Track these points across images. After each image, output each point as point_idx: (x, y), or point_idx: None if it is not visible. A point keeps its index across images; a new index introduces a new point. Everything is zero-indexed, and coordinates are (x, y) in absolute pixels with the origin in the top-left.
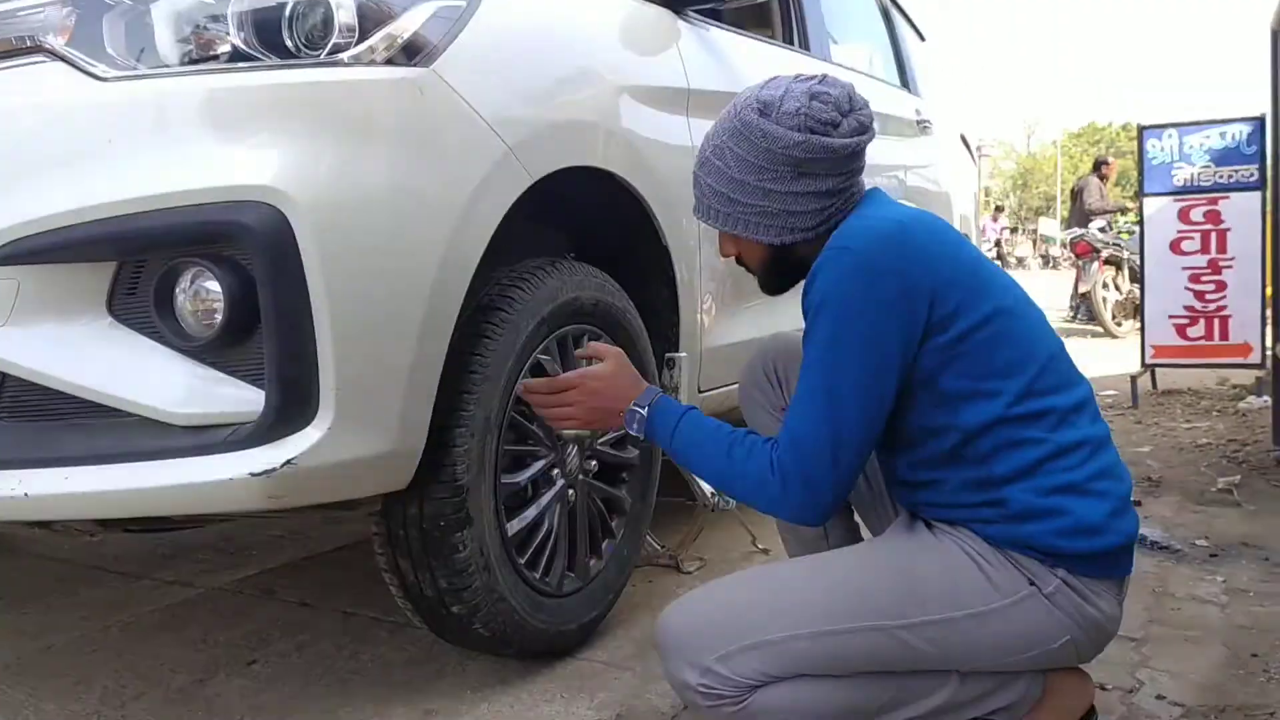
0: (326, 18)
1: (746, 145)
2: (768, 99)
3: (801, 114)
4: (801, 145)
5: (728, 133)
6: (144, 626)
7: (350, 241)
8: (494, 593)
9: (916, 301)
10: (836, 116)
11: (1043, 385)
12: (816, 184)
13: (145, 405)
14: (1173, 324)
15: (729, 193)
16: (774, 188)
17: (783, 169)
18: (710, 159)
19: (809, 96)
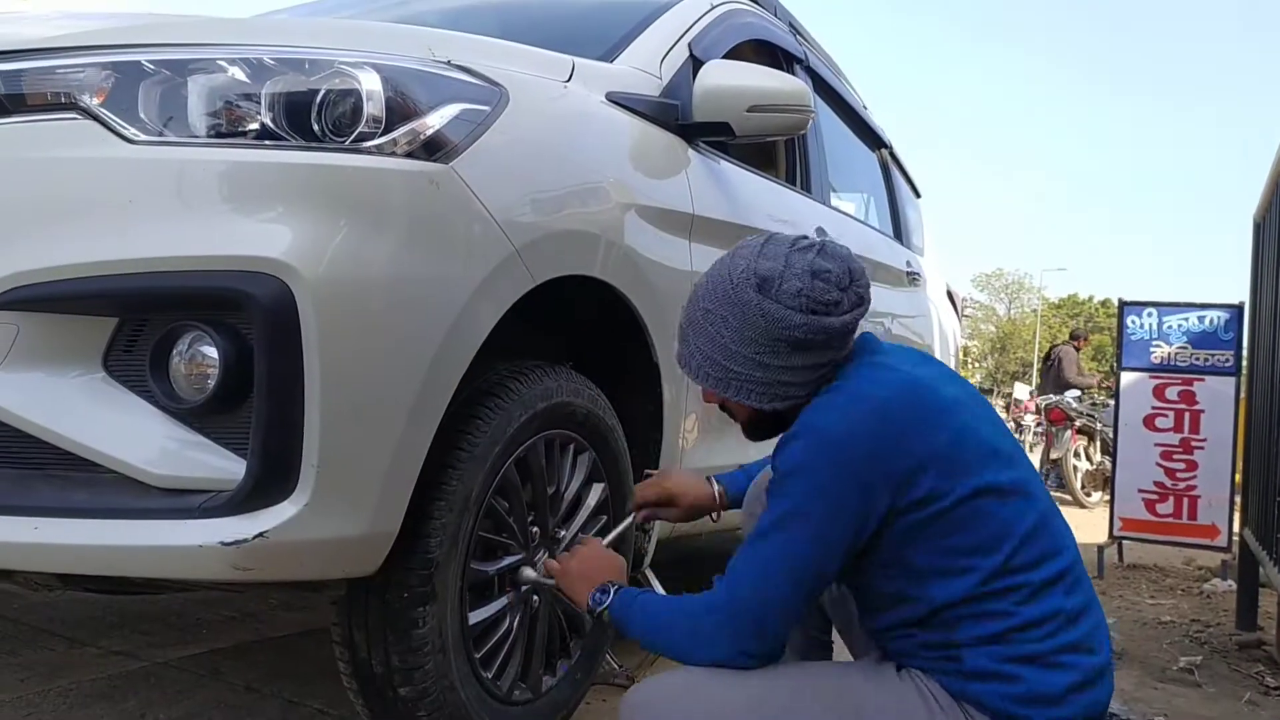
0: (356, 107)
1: (742, 320)
2: (766, 274)
3: (804, 295)
4: (803, 327)
5: (722, 302)
6: (83, 695)
7: (351, 322)
8: (445, 679)
9: (879, 491)
10: (838, 295)
11: (1019, 561)
12: (812, 358)
13: (125, 462)
14: (1142, 498)
15: (720, 359)
16: (769, 361)
17: (780, 346)
18: (701, 323)
19: (811, 275)
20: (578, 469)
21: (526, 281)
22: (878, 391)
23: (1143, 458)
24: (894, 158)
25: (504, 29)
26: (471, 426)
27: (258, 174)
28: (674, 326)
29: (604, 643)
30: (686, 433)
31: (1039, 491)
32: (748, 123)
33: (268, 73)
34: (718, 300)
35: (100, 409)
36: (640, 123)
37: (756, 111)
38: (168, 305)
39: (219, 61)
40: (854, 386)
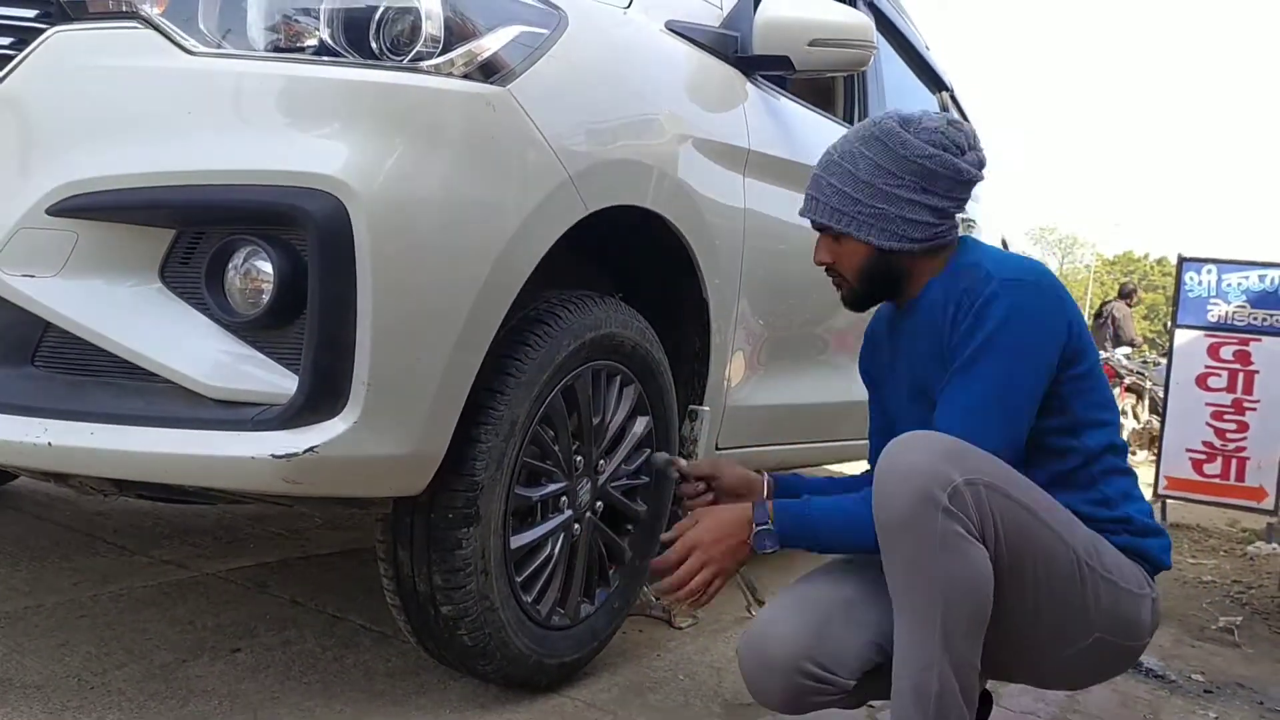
0: (415, 26)
1: (881, 151)
2: (908, 116)
3: (939, 132)
4: (934, 159)
5: (862, 140)
6: (133, 600)
7: (404, 241)
8: (486, 600)
9: (1068, 335)
10: (966, 145)
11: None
12: (935, 200)
13: (180, 372)
14: (1189, 458)
15: (852, 192)
16: (898, 193)
17: (910, 178)
18: (838, 161)
19: (946, 122)
20: (623, 401)
21: (579, 209)
22: (1030, 262)
23: (1193, 417)
24: (955, 102)
25: None
26: (520, 352)
27: (315, 90)
28: (725, 261)
29: (642, 572)
30: (732, 370)
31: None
32: (808, 57)
33: None
34: (860, 139)
35: (156, 319)
36: (699, 53)
37: (818, 46)
38: (224, 218)
39: None
40: (1003, 255)
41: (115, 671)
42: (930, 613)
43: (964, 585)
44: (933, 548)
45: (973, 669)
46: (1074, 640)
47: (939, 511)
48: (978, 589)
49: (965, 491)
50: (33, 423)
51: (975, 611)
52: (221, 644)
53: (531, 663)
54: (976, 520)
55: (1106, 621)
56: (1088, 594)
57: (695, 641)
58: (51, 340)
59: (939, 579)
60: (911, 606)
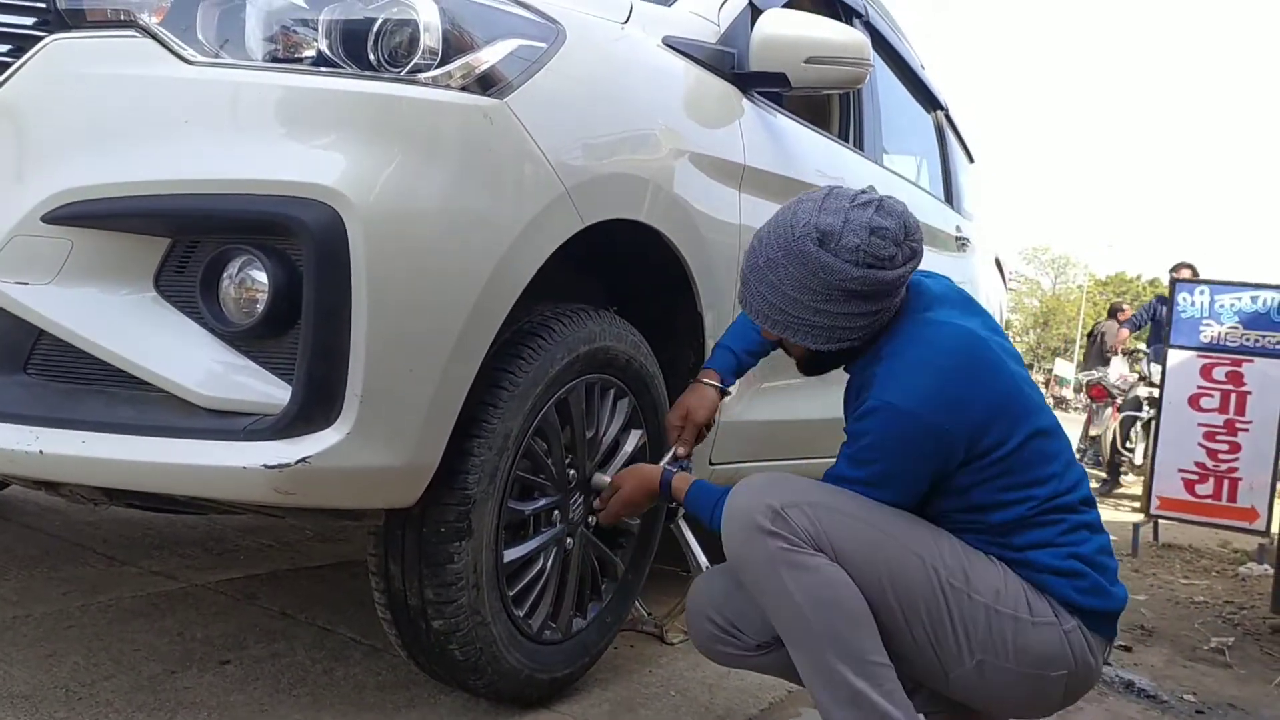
0: (413, 38)
1: (802, 270)
2: (827, 229)
3: (861, 250)
4: (859, 280)
5: (784, 252)
6: (122, 611)
7: (400, 253)
8: (477, 615)
9: (954, 449)
10: (893, 250)
11: (1063, 487)
12: (867, 305)
13: (173, 381)
14: (1182, 478)
15: (781, 305)
16: (826, 308)
17: (837, 295)
18: (764, 270)
19: (868, 232)
20: (617, 414)
21: (575, 223)
22: (937, 358)
23: (1185, 437)
24: (950, 120)
25: None
26: (514, 365)
27: (312, 100)
28: (720, 275)
29: (635, 587)
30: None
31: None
32: (804, 74)
33: None
34: (780, 250)
35: (150, 328)
36: (695, 69)
37: (814, 63)
38: (219, 228)
39: None
40: (915, 353)
41: (103, 682)
42: (802, 626)
43: (816, 589)
44: (771, 567)
45: (880, 666)
46: (955, 659)
47: (764, 535)
48: (832, 588)
49: (786, 512)
50: (24, 430)
51: (843, 610)
52: (210, 656)
53: (523, 677)
54: (806, 535)
55: (984, 644)
56: (954, 611)
57: (687, 657)
58: (44, 348)
59: (791, 592)
60: (786, 630)
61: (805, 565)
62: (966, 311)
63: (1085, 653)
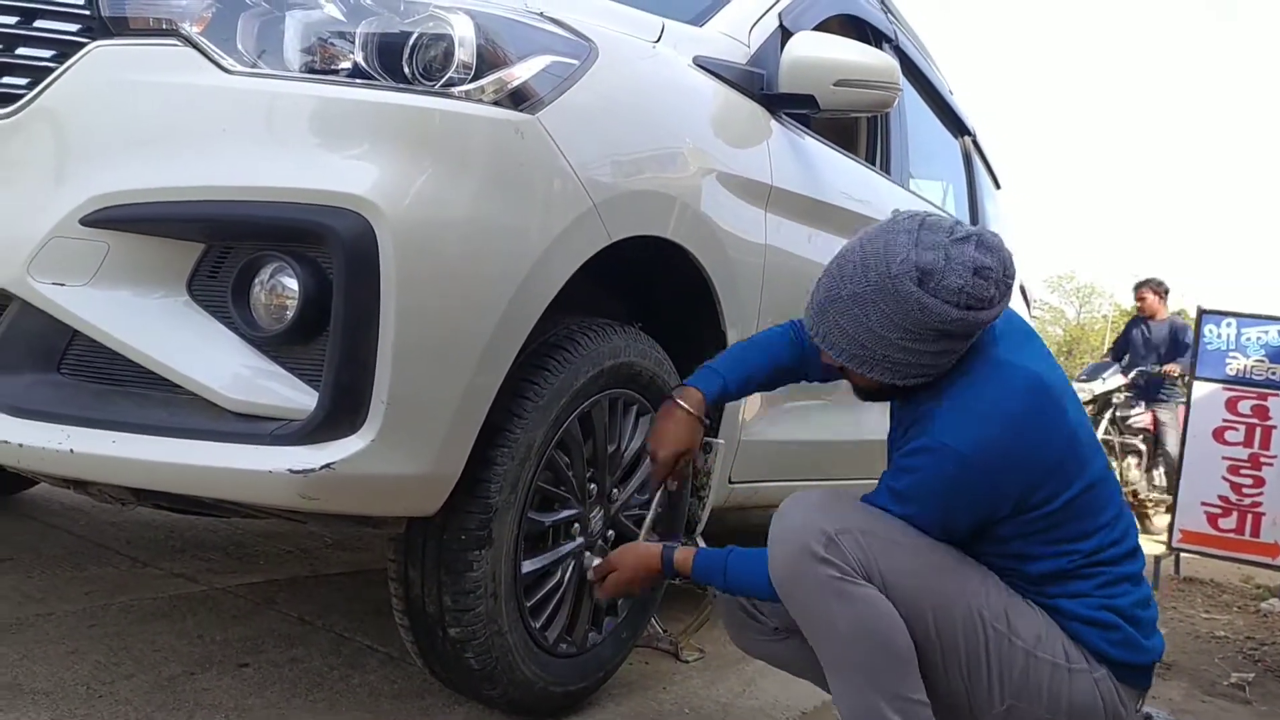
0: (447, 52)
1: (896, 308)
2: (928, 268)
3: (965, 292)
4: (957, 322)
5: (877, 289)
6: (143, 612)
7: (429, 263)
8: (494, 624)
9: (1003, 503)
10: (994, 291)
11: (1108, 540)
12: (955, 344)
13: (202, 384)
14: (1205, 511)
15: (863, 339)
16: (914, 346)
17: (929, 335)
18: (848, 304)
19: (972, 272)
20: (638, 430)
21: (602, 238)
22: (1003, 406)
23: (1209, 470)
24: (977, 146)
25: None
26: (539, 377)
27: (347, 111)
28: (744, 294)
29: (651, 604)
30: (748, 404)
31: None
32: (833, 97)
33: (363, 12)
34: (872, 286)
35: (182, 331)
36: (725, 89)
37: (843, 86)
38: (252, 234)
39: None
40: (981, 398)
41: (123, 681)
42: (845, 656)
43: (862, 621)
44: (820, 594)
45: (917, 704)
46: (988, 702)
47: (816, 561)
48: (878, 621)
49: (840, 540)
50: (56, 429)
51: (887, 644)
52: (229, 658)
53: (537, 689)
54: (857, 564)
55: (1018, 689)
56: (992, 653)
57: (701, 675)
58: (78, 348)
59: (837, 622)
60: (828, 656)
61: (854, 596)
62: (1028, 341)
63: (1116, 703)
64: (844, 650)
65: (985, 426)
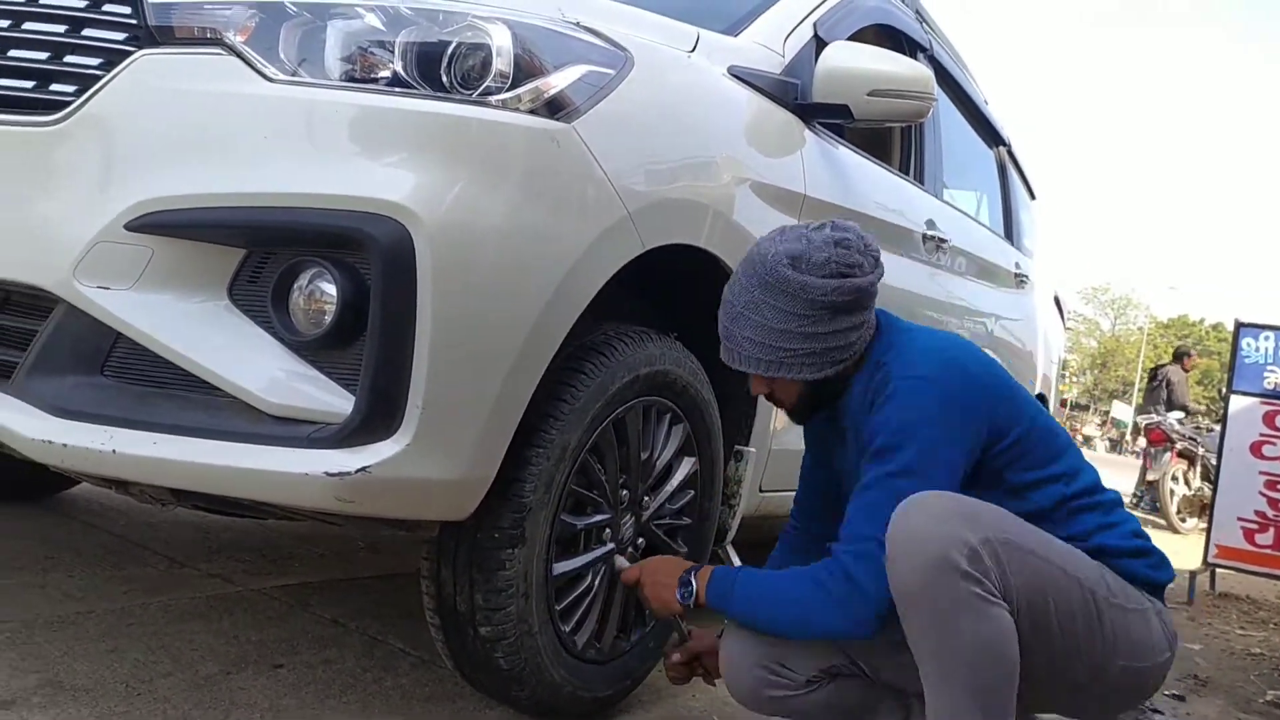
0: (485, 61)
1: (782, 297)
2: (795, 253)
3: (833, 262)
4: (837, 289)
5: (761, 287)
6: (181, 611)
7: (465, 269)
8: (525, 624)
9: (981, 421)
10: (859, 258)
11: (1076, 466)
12: (851, 319)
13: (242, 388)
14: (1241, 526)
15: (771, 342)
16: (815, 330)
17: (821, 313)
18: (745, 314)
19: (834, 244)
20: (671, 439)
21: (636, 246)
22: (942, 344)
23: (1246, 485)
24: (1012, 156)
25: None
26: (576, 379)
27: (386, 119)
28: None
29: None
30: (779, 412)
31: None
32: (867, 107)
33: (403, 22)
34: (757, 287)
35: (222, 335)
36: (759, 99)
37: (877, 96)
38: (293, 240)
39: (357, 8)
40: (914, 342)
41: (162, 680)
42: (960, 678)
43: (991, 647)
44: (954, 610)
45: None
46: (1103, 675)
47: (958, 576)
48: (1004, 647)
49: (982, 552)
50: (99, 430)
51: (1005, 671)
52: (264, 659)
53: (565, 693)
54: (997, 579)
55: (1125, 648)
56: (1105, 625)
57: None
58: (121, 351)
59: (966, 643)
60: (940, 673)
61: (989, 616)
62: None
63: (1169, 631)
64: (963, 668)
65: (935, 355)
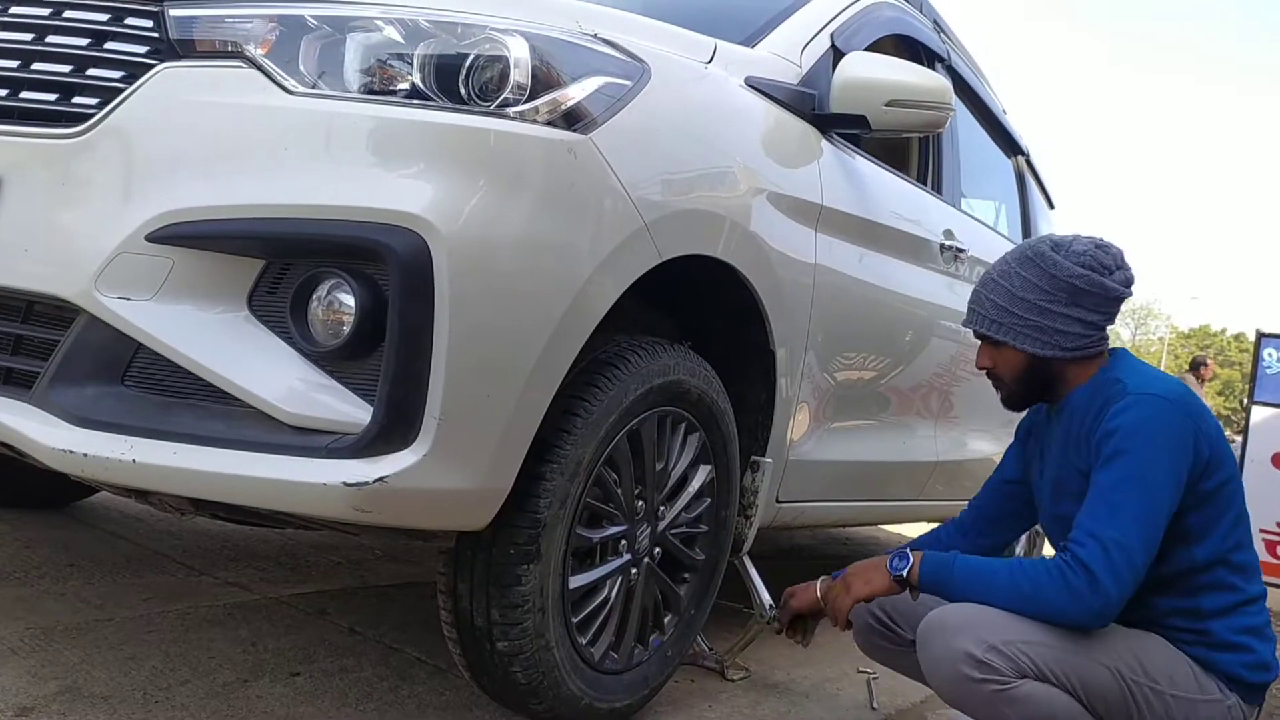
0: (503, 73)
1: (1035, 271)
2: (1059, 240)
3: (1087, 255)
4: (1083, 278)
5: (1018, 261)
6: (199, 619)
7: (482, 281)
8: (542, 638)
9: (1200, 449)
10: (1114, 265)
11: (1246, 541)
12: (1085, 314)
13: (261, 398)
14: (1264, 539)
15: (1009, 306)
16: (1050, 307)
17: (1061, 294)
18: (996, 279)
19: (1095, 245)
20: (687, 449)
21: (653, 257)
22: (1170, 380)
23: (1268, 497)
24: (1030, 166)
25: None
26: (589, 394)
27: (404, 131)
28: (794, 313)
29: (698, 622)
30: (796, 424)
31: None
32: (885, 117)
33: (421, 34)
34: (1015, 260)
35: (241, 345)
36: (776, 109)
37: (895, 106)
38: (312, 251)
39: (376, 21)
40: (1147, 371)
41: (179, 687)
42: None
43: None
44: (991, 706)
45: None
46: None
47: (973, 682)
48: (1051, 705)
49: (987, 657)
50: (119, 439)
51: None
52: (281, 667)
53: (582, 705)
54: (1010, 669)
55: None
56: (1139, 704)
57: (747, 695)
58: (142, 361)
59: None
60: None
61: (1017, 696)
62: None
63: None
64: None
65: (1170, 383)
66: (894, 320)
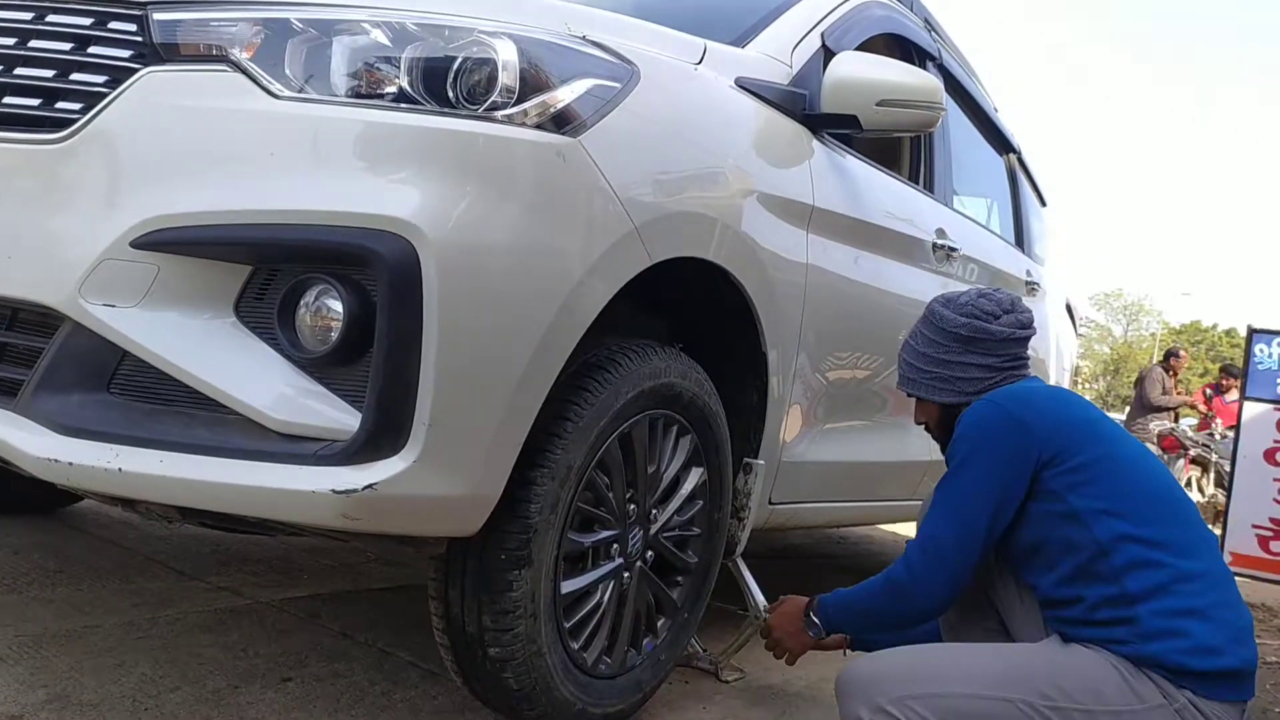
0: (490, 76)
1: (931, 328)
2: (950, 296)
3: (969, 305)
4: (966, 326)
5: (921, 321)
6: (189, 625)
7: (472, 285)
8: (534, 644)
9: (1034, 438)
10: (998, 311)
11: (1160, 516)
12: (979, 358)
13: (248, 405)
14: (1256, 534)
15: (917, 364)
16: (947, 358)
17: (954, 345)
18: (908, 340)
19: (978, 295)
20: (678, 451)
21: (643, 260)
22: (1029, 384)
23: (1260, 492)
24: (1022, 163)
25: (642, 8)
26: (579, 398)
27: (392, 135)
28: (785, 315)
29: (691, 625)
30: (789, 425)
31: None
32: (876, 117)
33: (409, 37)
34: (920, 321)
35: (228, 352)
36: (767, 110)
37: (886, 106)
38: (299, 257)
39: (363, 24)
40: (1014, 385)
41: (169, 694)
42: None
43: None
44: None
45: None
46: None
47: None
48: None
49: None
50: (105, 448)
51: None
52: (273, 672)
53: (576, 710)
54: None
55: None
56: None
57: (741, 696)
58: (127, 368)
59: None
60: None
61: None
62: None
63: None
64: None
65: (1013, 389)
66: (886, 320)
